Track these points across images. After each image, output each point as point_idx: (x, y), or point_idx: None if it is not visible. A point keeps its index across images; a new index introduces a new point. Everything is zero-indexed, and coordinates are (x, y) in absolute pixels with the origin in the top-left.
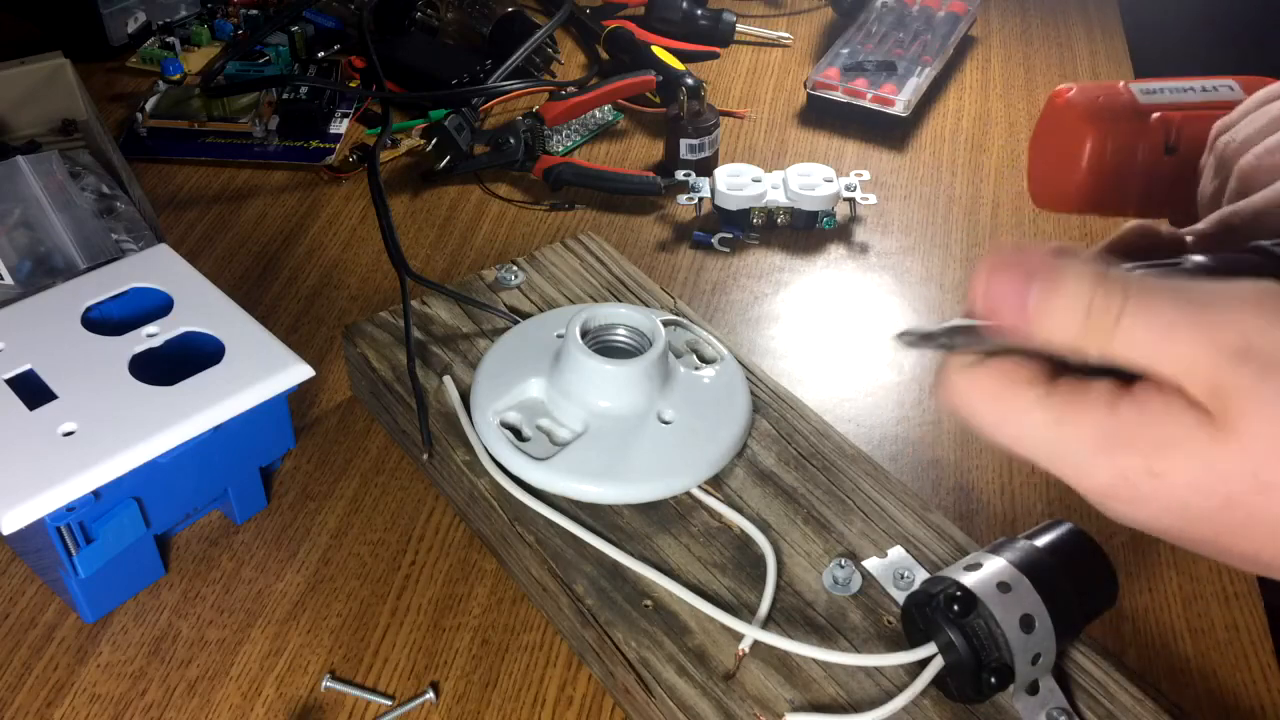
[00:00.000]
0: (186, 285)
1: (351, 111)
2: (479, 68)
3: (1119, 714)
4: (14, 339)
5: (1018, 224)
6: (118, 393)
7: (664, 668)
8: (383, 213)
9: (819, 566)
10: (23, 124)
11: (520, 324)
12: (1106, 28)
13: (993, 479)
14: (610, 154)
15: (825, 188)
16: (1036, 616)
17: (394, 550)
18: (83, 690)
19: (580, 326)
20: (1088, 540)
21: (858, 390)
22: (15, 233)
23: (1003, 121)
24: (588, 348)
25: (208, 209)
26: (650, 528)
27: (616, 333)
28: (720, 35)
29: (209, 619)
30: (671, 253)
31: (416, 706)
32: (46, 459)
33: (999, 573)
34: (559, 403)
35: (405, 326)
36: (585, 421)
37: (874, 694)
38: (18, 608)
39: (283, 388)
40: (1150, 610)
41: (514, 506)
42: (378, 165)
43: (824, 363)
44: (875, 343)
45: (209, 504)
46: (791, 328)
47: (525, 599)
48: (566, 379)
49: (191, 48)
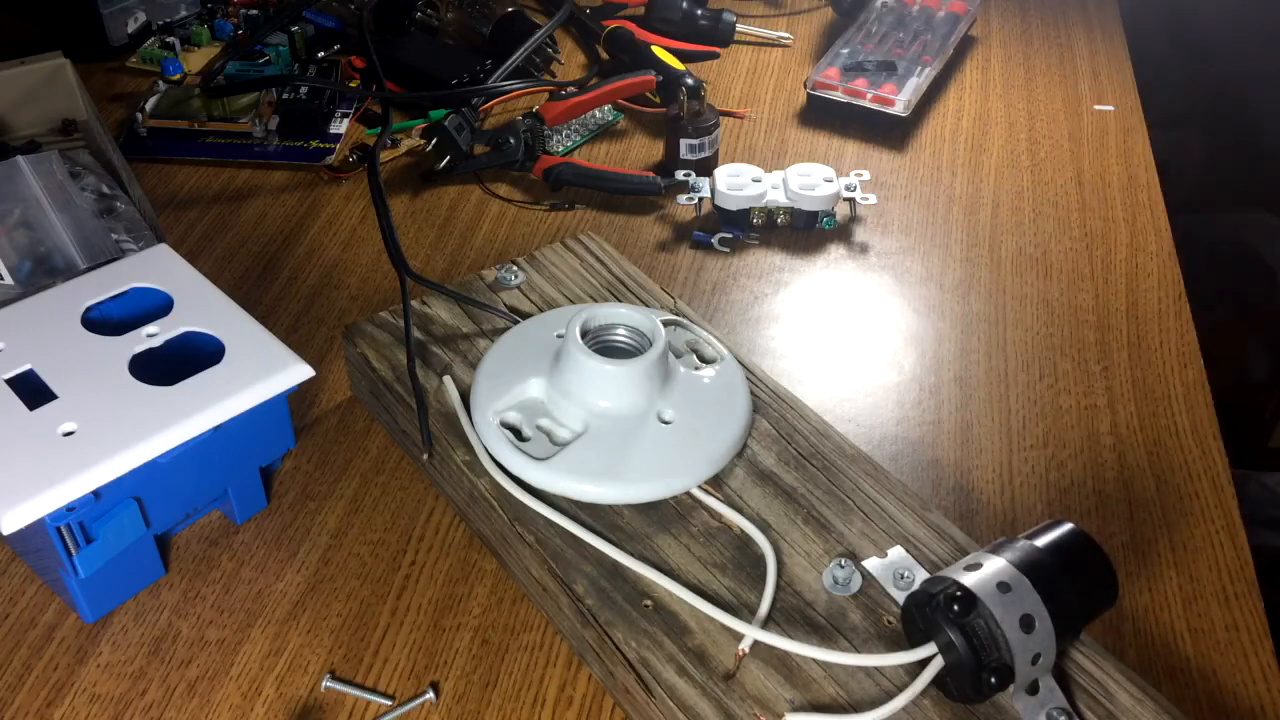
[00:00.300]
0: (186, 285)
1: (351, 111)
2: (479, 68)
3: (1119, 714)
4: (14, 339)
5: (1018, 224)
6: (118, 393)
7: (664, 668)
8: (383, 213)
9: (819, 566)
10: (23, 124)
11: (520, 324)
12: (1106, 28)
13: (993, 479)
14: (610, 154)
15: (825, 188)
16: (1036, 616)
17: (394, 550)
18: (83, 690)
19: (580, 326)
20: (1088, 540)
21: (858, 390)
22: (15, 233)
23: (1003, 121)
24: (588, 348)
25: (208, 209)
26: (650, 528)
27: (616, 333)
28: (720, 35)
29: (209, 619)
30: (671, 253)
31: (416, 706)
32: (46, 459)
33: (999, 573)
34: (559, 403)
35: (405, 326)
36: (585, 421)
37: (874, 694)
38: (18, 608)
39: (283, 388)
40: (1150, 610)
41: (514, 506)
42: (378, 165)
43: (824, 363)
44: (875, 343)
45: (209, 504)
46: (791, 328)
47: (525, 599)
48: (566, 379)
49: (191, 48)
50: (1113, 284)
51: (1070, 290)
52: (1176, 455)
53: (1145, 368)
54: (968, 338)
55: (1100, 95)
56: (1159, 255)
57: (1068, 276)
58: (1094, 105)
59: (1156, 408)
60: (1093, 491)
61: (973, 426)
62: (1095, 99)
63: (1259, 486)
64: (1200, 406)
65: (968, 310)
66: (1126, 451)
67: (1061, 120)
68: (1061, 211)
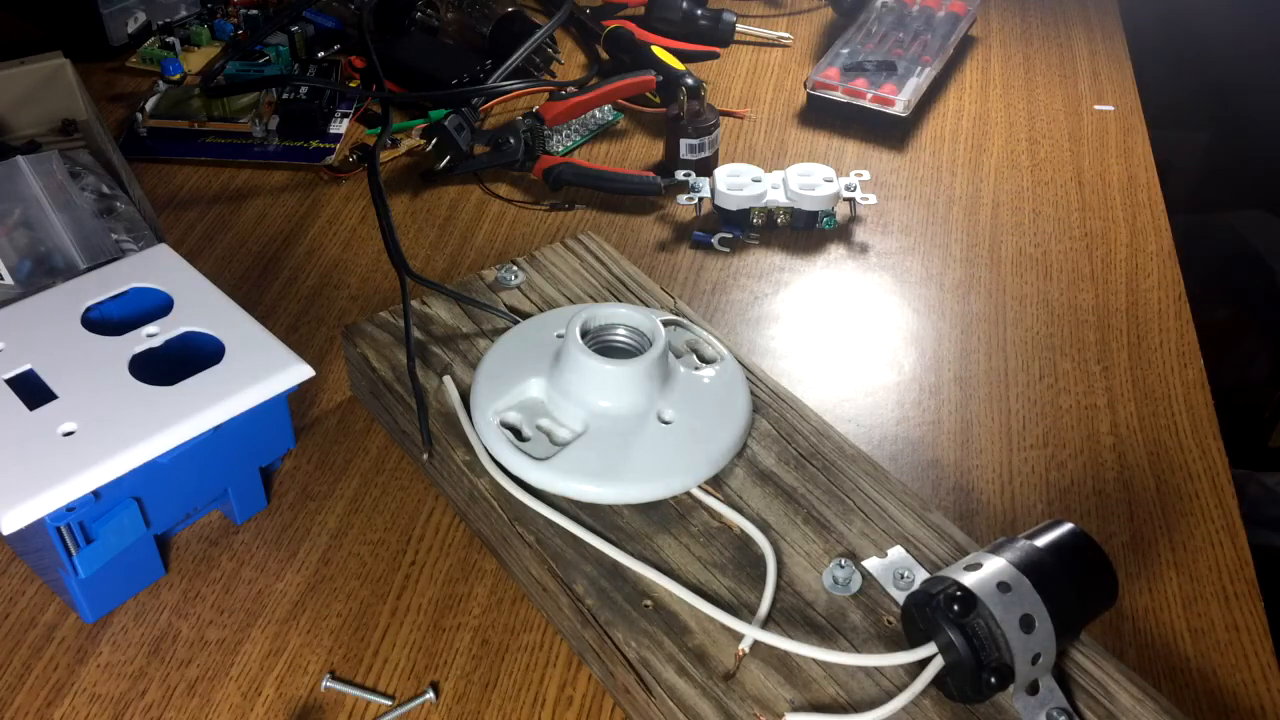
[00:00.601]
0: (186, 285)
1: (351, 111)
2: (479, 68)
3: (1119, 714)
4: (14, 339)
5: (1017, 224)
6: (118, 393)
7: (664, 668)
8: (383, 213)
9: (819, 566)
10: (23, 124)
11: (520, 324)
12: (1106, 28)
13: (993, 479)
14: (610, 154)
15: (825, 188)
16: (1036, 616)
17: (394, 550)
18: (83, 690)
19: (580, 326)
20: (1088, 540)
21: (858, 390)
22: (15, 233)
23: (1003, 121)
24: (588, 348)
25: (208, 209)
26: (650, 528)
27: (616, 333)
28: (720, 35)
29: (209, 619)
30: (671, 253)
31: (416, 706)
32: (46, 459)
33: (999, 573)
34: (559, 403)
35: (405, 326)
36: (585, 421)
37: (874, 694)
38: (18, 608)
39: (283, 388)
40: (1150, 610)
41: (514, 506)
42: (378, 165)
43: (824, 363)
44: (875, 343)
45: (209, 504)
46: (791, 328)
47: (525, 599)
48: (567, 379)
49: (191, 48)
50: (1113, 284)
51: (1070, 290)
52: (1176, 455)
53: (1145, 368)
54: (968, 338)
55: (1100, 95)
56: (1159, 255)
57: (1068, 276)
58: (1094, 105)
59: (1156, 408)
60: (1093, 491)
61: (973, 426)
62: (1095, 99)
63: (1259, 486)
64: (1200, 406)
65: (968, 310)
66: (1126, 451)
67: (1061, 120)
68: (1061, 211)
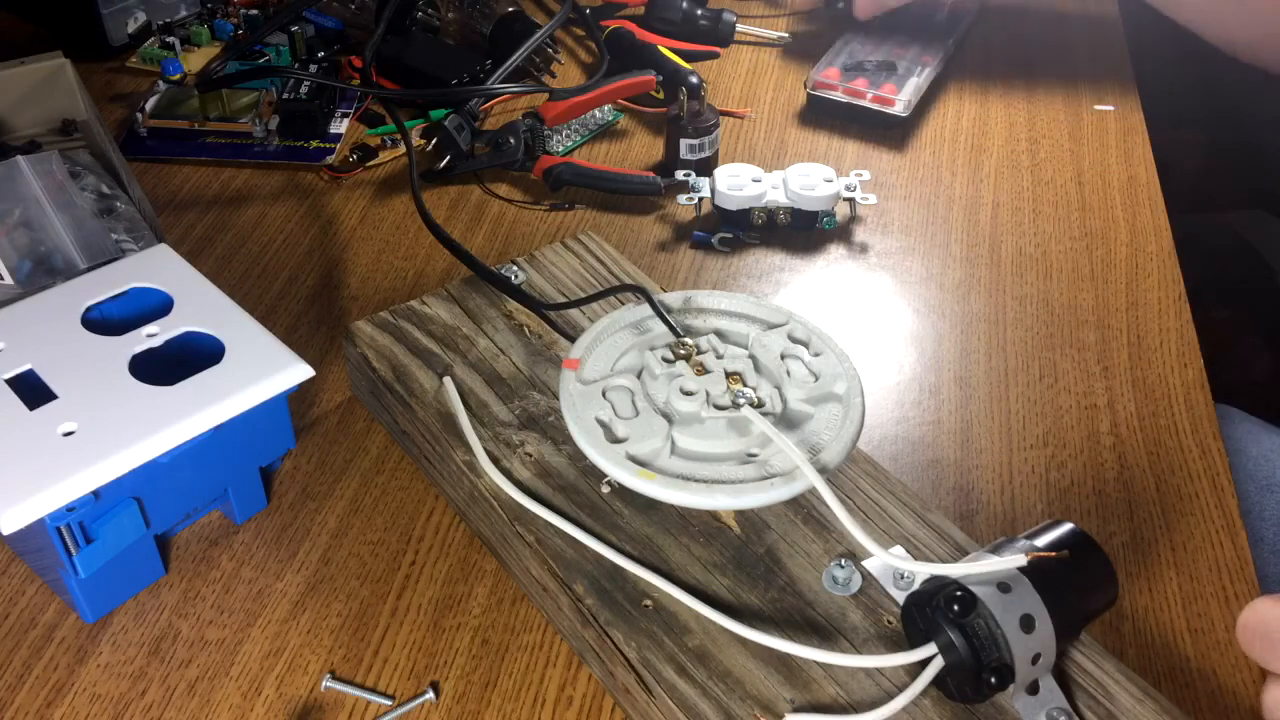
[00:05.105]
0: (186, 285)
1: (351, 111)
2: (479, 68)
3: (1119, 714)
4: (14, 339)
5: (1017, 224)
6: (118, 393)
7: (664, 668)
8: (434, 226)
9: (819, 566)
10: (23, 124)
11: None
12: (1106, 28)
13: (993, 479)
14: (610, 154)
15: (825, 188)
16: (1036, 616)
17: (394, 550)
18: (83, 690)
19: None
20: (1088, 540)
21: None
22: (15, 233)
23: (1003, 121)
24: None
25: (208, 209)
26: (650, 528)
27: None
28: (720, 35)
29: (209, 619)
30: (671, 253)
31: (416, 706)
32: (46, 459)
33: (999, 573)
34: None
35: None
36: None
37: (874, 694)
38: (18, 608)
39: (283, 388)
40: (1150, 610)
41: (514, 507)
42: (414, 158)
43: None
44: (874, 343)
45: (209, 504)
46: None
47: (525, 599)
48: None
49: (191, 48)
50: (1113, 284)
51: (1070, 290)
52: (1176, 455)
53: (1145, 368)
54: (968, 338)
55: (1100, 95)
56: (1159, 255)
57: (1068, 276)
58: (1094, 105)
59: (1156, 408)
60: (1093, 491)
61: (973, 426)
62: (1095, 99)
63: None
64: (1200, 406)
65: (968, 310)
66: (1126, 451)
67: (1061, 120)
68: (1061, 211)
